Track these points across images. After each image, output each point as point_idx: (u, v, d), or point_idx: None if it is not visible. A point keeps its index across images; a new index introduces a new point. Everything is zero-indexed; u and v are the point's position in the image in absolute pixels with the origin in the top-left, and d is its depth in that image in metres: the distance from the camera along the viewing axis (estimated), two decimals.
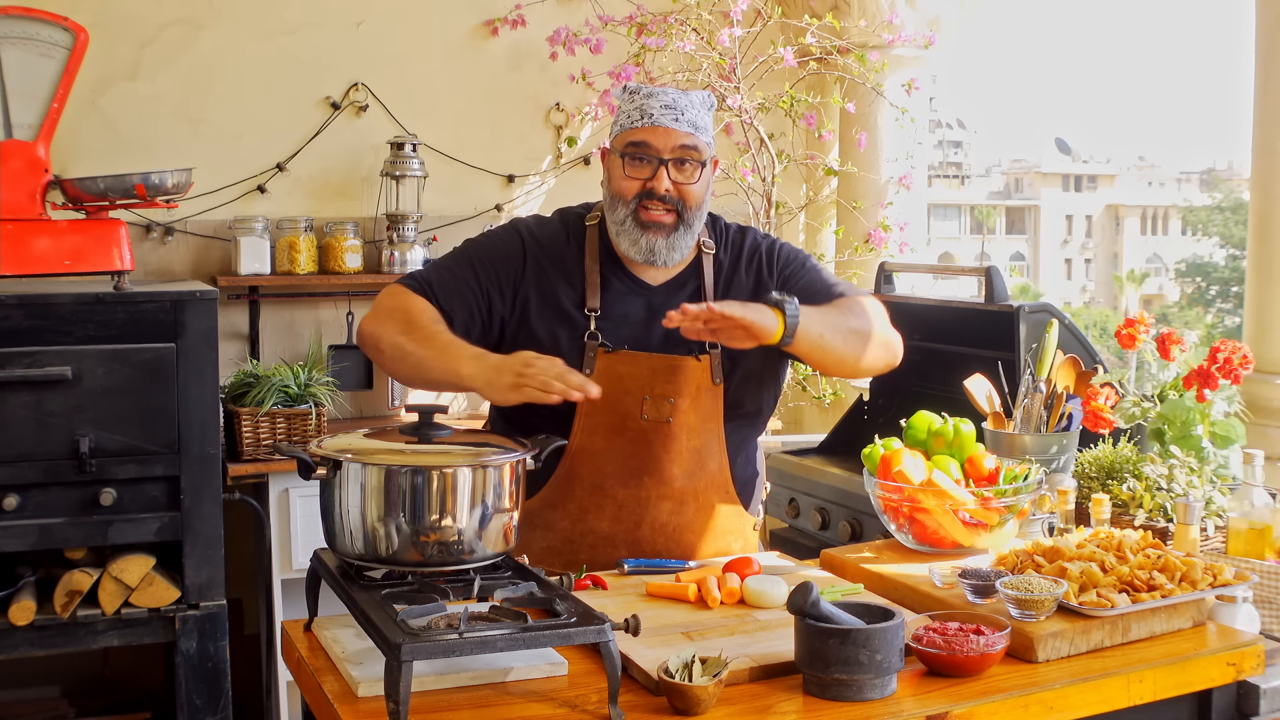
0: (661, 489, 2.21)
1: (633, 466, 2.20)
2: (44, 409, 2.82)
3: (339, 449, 1.74)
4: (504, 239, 2.27)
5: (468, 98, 4.26)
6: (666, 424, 2.19)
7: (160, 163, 3.46)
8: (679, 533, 2.24)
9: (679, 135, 2.17)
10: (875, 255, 4.28)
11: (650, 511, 2.21)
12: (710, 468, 2.25)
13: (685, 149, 2.17)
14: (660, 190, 2.16)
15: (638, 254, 2.20)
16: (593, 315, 2.20)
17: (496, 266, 2.23)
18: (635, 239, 2.19)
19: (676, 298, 2.21)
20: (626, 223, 2.19)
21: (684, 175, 2.18)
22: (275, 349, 4.04)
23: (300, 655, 1.78)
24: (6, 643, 2.85)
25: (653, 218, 2.17)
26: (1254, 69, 3.14)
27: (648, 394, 2.18)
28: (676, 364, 2.19)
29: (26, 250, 2.89)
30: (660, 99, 2.18)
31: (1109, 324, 26.89)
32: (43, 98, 2.97)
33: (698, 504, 2.25)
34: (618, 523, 2.21)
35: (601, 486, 2.20)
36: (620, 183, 2.20)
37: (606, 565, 2.19)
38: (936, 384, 3.27)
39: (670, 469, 2.21)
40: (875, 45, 4.15)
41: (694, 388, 2.19)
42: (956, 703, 1.61)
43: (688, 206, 2.19)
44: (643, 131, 2.17)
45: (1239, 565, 2.07)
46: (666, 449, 2.20)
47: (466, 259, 2.26)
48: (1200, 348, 3.04)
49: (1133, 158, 51.26)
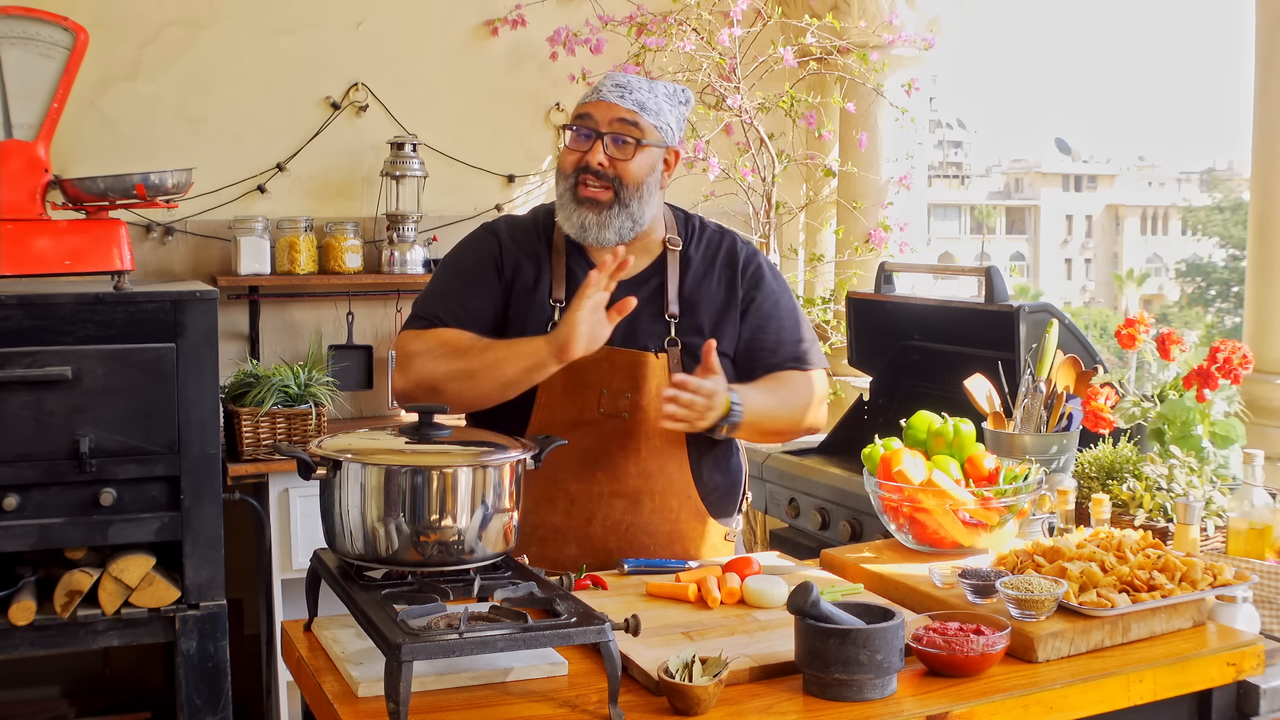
0: (615, 485, 2.20)
1: (586, 460, 2.19)
2: (44, 409, 2.82)
3: (339, 449, 1.74)
4: (479, 243, 2.30)
5: (468, 98, 4.26)
6: (622, 419, 2.18)
7: (160, 163, 3.46)
8: (632, 532, 2.22)
9: (618, 109, 2.16)
10: (875, 255, 4.27)
11: (602, 508, 2.20)
12: (669, 470, 2.23)
13: (624, 123, 2.16)
14: (593, 163, 2.16)
15: (571, 229, 2.20)
16: (557, 306, 2.22)
17: (481, 269, 2.25)
18: (570, 214, 2.19)
19: (637, 294, 2.17)
20: (564, 197, 2.20)
21: (620, 152, 2.17)
22: (275, 349, 4.04)
23: (300, 655, 1.78)
24: (6, 643, 2.85)
25: (588, 193, 2.17)
26: (1254, 69, 3.14)
27: (605, 388, 2.18)
28: (635, 359, 2.19)
29: (26, 250, 2.89)
30: (614, 79, 2.21)
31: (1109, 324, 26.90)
32: (43, 98, 2.97)
33: (654, 504, 2.22)
34: (569, 517, 2.20)
35: (555, 479, 2.19)
36: (562, 158, 2.22)
37: (558, 561, 2.19)
38: (936, 384, 3.28)
39: (625, 465, 2.20)
40: (875, 45, 4.15)
41: (653, 384, 2.18)
42: (956, 703, 1.61)
43: (624, 185, 2.17)
44: (587, 105, 2.19)
45: (1239, 565, 2.07)
46: (622, 445, 2.19)
47: (453, 273, 2.28)
48: (1200, 348, 3.04)
49: (1133, 158, 51.29)
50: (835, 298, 4.34)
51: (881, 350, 3.54)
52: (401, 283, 4.05)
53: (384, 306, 4.18)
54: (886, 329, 3.52)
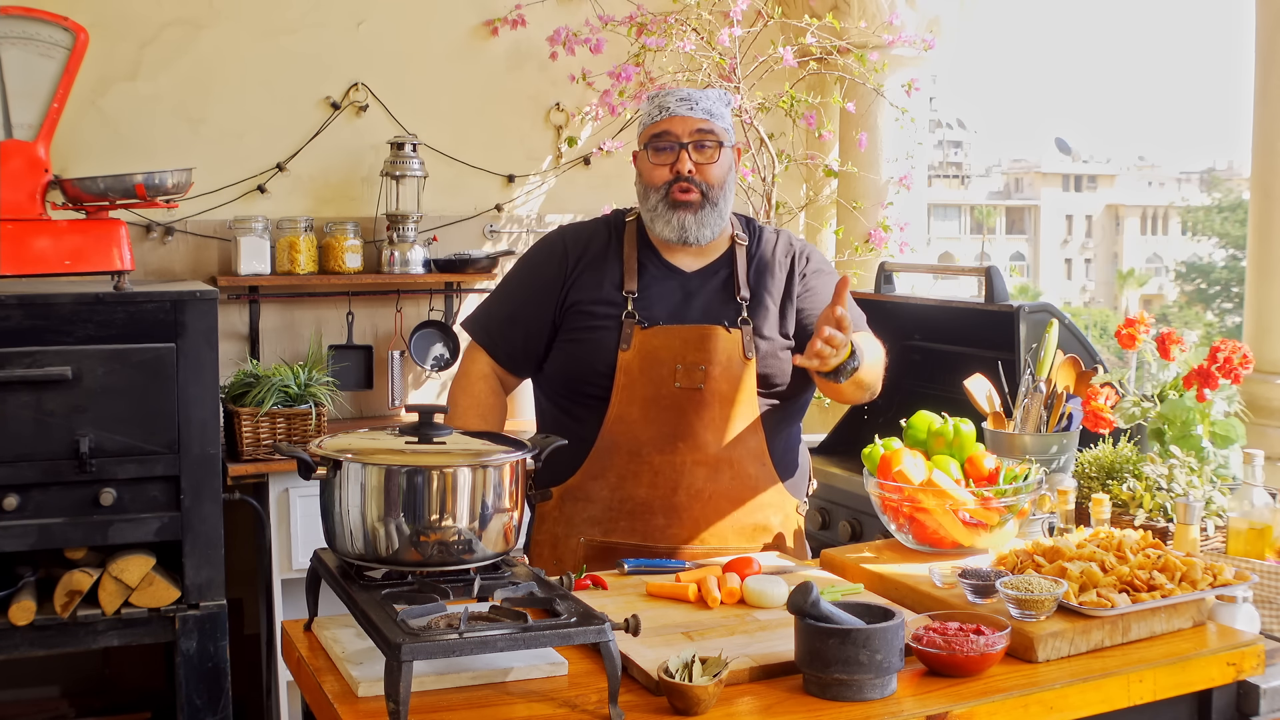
0: (696, 454, 2.31)
1: (667, 433, 2.31)
2: (44, 409, 2.82)
3: (339, 449, 1.74)
4: (545, 253, 2.47)
5: (468, 98, 4.26)
6: (698, 391, 2.31)
7: (160, 163, 3.46)
8: (715, 500, 2.32)
9: (694, 121, 2.35)
10: (875, 255, 4.27)
11: (686, 477, 2.31)
12: (745, 439, 2.34)
13: (701, 132, 2.35)
14: (684, 170, 2.34)
15: (671, 233, 2.36)
16: (630, 296, 2.36)
17: (536, 287, 2.43)
18: (668, 219, 2.36)
19: (709, 283, 2.40)
20: (659, 207, 2.37)
21: (703, 156, 2.36)
22: (275, 349, 4.04)
23: (300, 655, 1.78)
24: (6, 643, 2.85)
25: (681, 198, 2.35)
26: (1254, 69, 3.14)
27: (680, 363, 2.31)
28: (707, 333, 2.33)
29: (26, 250, 2.88)
30: (676, 94, 2.38)
31: (1109, 324, 26.88)
32: (43, 98, 2.97)
33: (733, 472, 2.33)
34: (654, 489, 2.31)
35: (638, 454, 2.31)
36: (649, 173, 2.39)
37: (647, 532, 2.30)
38: (936, 384, 3.28)
39: (704, 435, 2.31)
40: (875, 45, 4.15)
41: (724, 357, 2.32)
42: (956, 703, 1.61)
43: (711, 186, 2.36)
44: (662, 123, 2.37)
45: (1239, 565, 2.07)
46: (700, 415, 2.31)
47: (510, 293, 2.49)
48: (1200, 348, 3.04)
49: (1133, 158, 51.24)
50: None
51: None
52: (402, 283, 4.05)
53: (384, 306, 4.17)
54: (886, 329, 3.49)
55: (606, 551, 2.30)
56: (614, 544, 2.30)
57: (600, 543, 2.31)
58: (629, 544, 2.29)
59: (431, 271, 4.07)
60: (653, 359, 2.31)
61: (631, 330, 2.32)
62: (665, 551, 2.28)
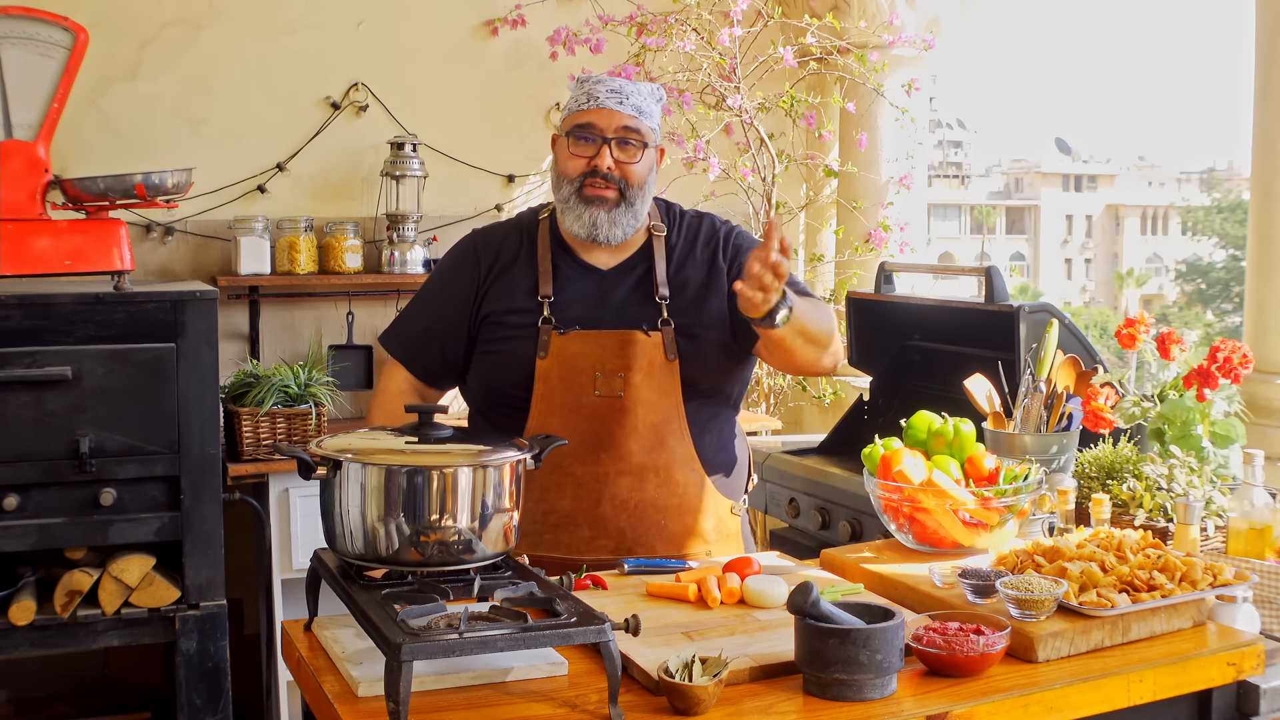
0: (619, 464, 2.24)
1: (588, 443, 2.24)
2: (44, 409, 2.82)
3: (339, 449, 1.74)
4: (458, 263, 2.40)
5: (468, 98, 4.26)
6: (619, 399, 2.24)
7: (160, 163, 3.46)
8: (641, 509, 2.25)
9: (622, 116, 2.25)
10: (875, 255, 4.28)
11: (609, 488, 2.24)
12: (671, 444, 2.27)
13: (628, 130, 2.25)
14: (603, 167, 2.24)
15: (581, 229, 2.27)
16: (545, 301, 2.28)
17: (450, 299, 2.36)
18: (579, 214, 2.27)
19: (626, 281, 2.31)
20: (570, 200, 2.27)
21: (626, 155, 2.26)
22: (275, 349, 4.04)
23: (300, 655, 1.78)
24: (6, 643, 2.85)
25: (595, 193, 2.25)
26: (1254, 69, 3.14)
27: (599, 370, 2.24)
28: (626, 338, 2.25)
29: (26, 250, 2.88)
30: (606, 84, 2.27)
31: (1109, 324, 26.87)
32: (43, 98, 2.97)
33: (659, 479, 2.26)
34: (578, 500, 2.24)
35: (560, 465, 2.23)
36: (566, 162, 2.28)
37: (572, 545, 2.23)
38: (936, 384, 3.27)
39: (626, 444, 2.24)
40: (875, 45, 4.15)
41: (645, 362, 2.24)
42: (956, 703, 1.61)
43: (630, 185, 2.26)
44: (588, 114, 2.26)
45: (1239, 565, 2.07)
46: (621, 424, 2.24)
47: (425, 305, 2.42)
48: (1200, 348, 3.04)
49: (1133, 158, 51.25)
50: (835, 298, 4.34)
51: (881, 350, 3.54)
52: (401, 283, 4.05)
53: (384, 306, 4.17)
54: (886, 329, 3.52)
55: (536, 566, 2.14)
56: (540, 557, 2.21)
57: (530, 556, 2.19)
58: (554, 557, 2.22)
59: (431, 272, 4.07)
60: (571, 366, 2.24)
61: (549, 336, 2.24)
62: (592, 564, 2.18)
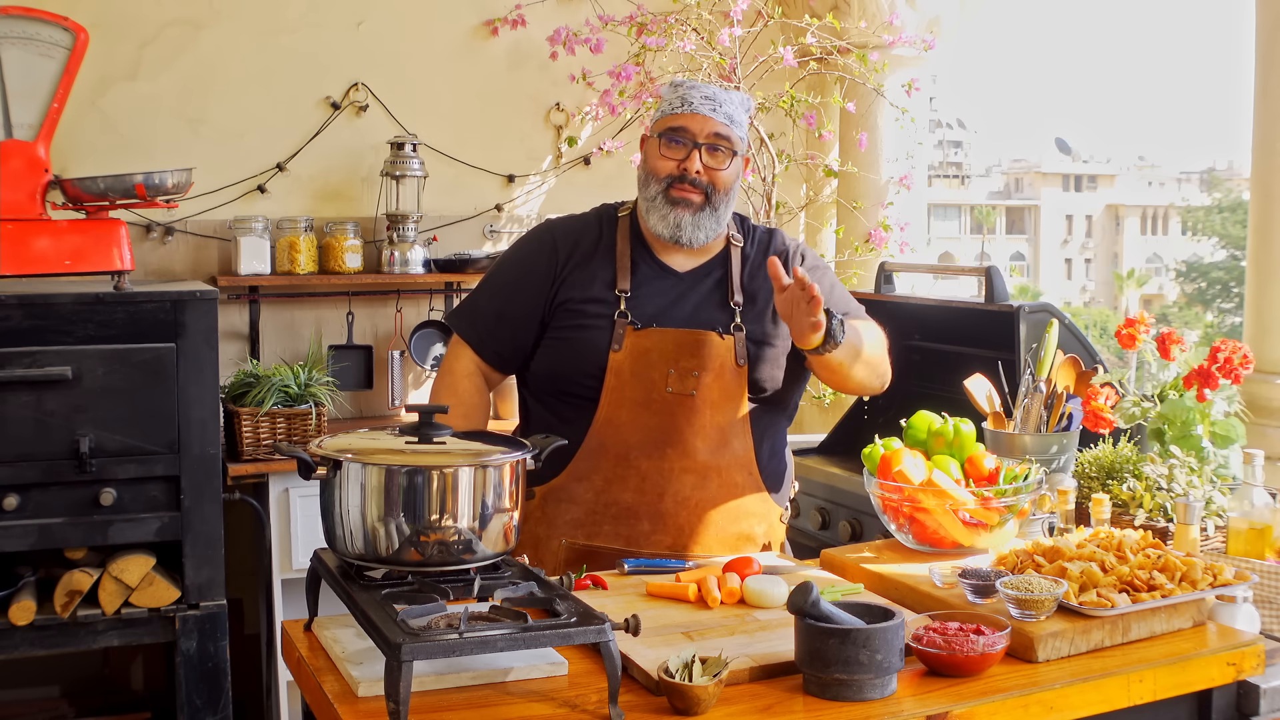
0: (684, 461, 2.27)
1: (656, 438, 2.27)
2: (44, 409, 2.82)
3: (339, 449, 1.74)
4: (534, 247, 2.41)
5: (468, 98, 4.25)
6: (690, 397, 2.27)
7: (160, 163, 3.46)
8: (701, 507, 2.29)
9: (714, 123, 2.29)
10: (875, 255, 4.27)
11: (673, 484, 2.27)
12: (734, 446, 2.31)
13: (719, 137, 2.30)
14: (692, 171, 2.29)
15: (665, 229, 2.31)
16: (623, 295, 2.31)
17: (526, 284, 2.37)
18: (664, 214, 2.31)
19: (703, 284, 2.35)
20: (657, 199, 2.31)
21: (716, 161, 2.30)
22: (275, 349, 4.04)
23: (300, 655, 1.78)
24: (6, 643, 2.85)
25: (682, 195, 2.29)
26: (1254, 69, 3.14)
27: (672, 367, 2.27)
28: (700, 339, 2.28)
29: (26, 250, 2.88)
30: (701, 90, 2.31)
31: (1109, 324, 26.86)
32: (43, 98, 2.97)
33: (720, 480, 2.30)
34: (640, 494, 2.27)
35: (626, 458, 2.27)
36: (656, 162, 2.32)
37: (631, 537, 2.26)
38: (936, 384, 3.27)
39: (693, 441, 2.27)
40: (875, 45, 4.15)
41: (717, 363, 2.28)
42: (956, 703, 1.61)
43: (716, 190, 2.31)
44: (682, 117, 2.30)
45: (1239, 565, 2.07)
46: (690, 422, 2.27)
47: (498, 288, 2.41)
48: (1200, 348, 3.04)
49: (1133, 158, 51.25)
50: None
51: None
52: (402, 283, 4.05)
53: (384, 306, 4.17)
54: (886, 329, 3.51)
55: (588, 555, 2.26)
56: (596, 548, 2.26)
57: (582, 546, 2.26)
58: (612, 548, 2.25)
59: (431, 271, 4.07)
60: (644, 361, 2.26)
61: (624, 330, 2.27)
62: (648, 556, 2.23)
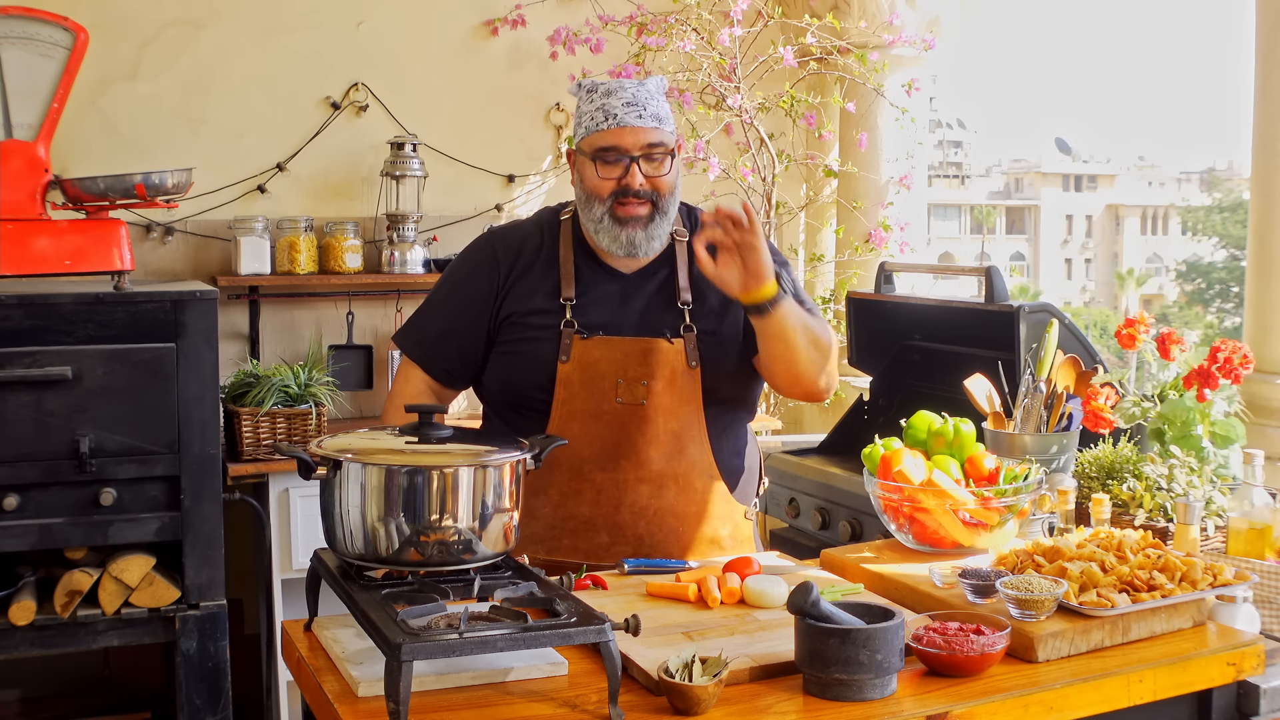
0: (639, 471, 2.23)
1: (609, 450, 2.23)
2: (44, 409, 2.82)
3: (339, 449, 1.74)
4: (476, 261, 2.35)
5: (468, 98, 4.26)
6: (641, 406, 2.22)
7: (160, 163, 3.46)
8: (660, 516, 2.25)
9: (645, 132, 2.20)
10: (875, 255, 4.28)
11: (629, 494, 2.24)
12: (690, 452, 2.27)
13: (652, 146, 2.21)
14: (634, 186, 2.20)
15: (619, 249, 2.24)
16: (568, 304, 2.26)
17: (468, 300, 2.31)
18: (615, 234, 2.23)
19: (648, 286, 2.29)
20: (604, 220, 2.23)
21: (655, 169, 2.22)
22: (275, 349, 4.04)
23: (300, 655, 1.78)
24: (6, 643, 2.85)
25: (629, 212, 2.21)
26: (1254, 69, 3.14)
27: (621, 377, 2.22)
28: (649, 346, 2.23)
29: (26, 250, 2.88)
30: (620, 96, 2.21)
31: (1109, 324, 26.87)
32: (43, 98, 2.97)
33: (678, 487, 2.26)
34: (597, 506, 2.24)
35: (580, 471, 2.23)
36: (594, 183, 2.23)
37: (590, 550, 2.23)
38: (936, 384, 3.28)
39: (647, 451, 2.23)
40: (875, 45, 4.15)
41: (668, 370, 2.23)
42: (956, 703, 1.61)
43: (661, 195, 2.23)
44: (610, 135, 2.20)
45: (1239, 565, 2.07)
46: (642, 431, 2.23)
47: (442, 306, 2.37)
48: (1200, 348, 3.04)
49: (1133, 158, 51.28)
50: (835, 298, 4.34)
51: (881, 350, 3.54)
52: (401, 283, 4.05)
53: (384, 306, 4.18)
54: (886, 329, 3.52)
55: (552, 570, 2.15)
56: (558, 562, 2.21)
57: (544, 560, 2.21)
58: (573, 563, 2.22)
59: (431, 271, 4.07)
60: (593, 372, 2.22)
61: (570, 340, 2.22)
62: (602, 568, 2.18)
